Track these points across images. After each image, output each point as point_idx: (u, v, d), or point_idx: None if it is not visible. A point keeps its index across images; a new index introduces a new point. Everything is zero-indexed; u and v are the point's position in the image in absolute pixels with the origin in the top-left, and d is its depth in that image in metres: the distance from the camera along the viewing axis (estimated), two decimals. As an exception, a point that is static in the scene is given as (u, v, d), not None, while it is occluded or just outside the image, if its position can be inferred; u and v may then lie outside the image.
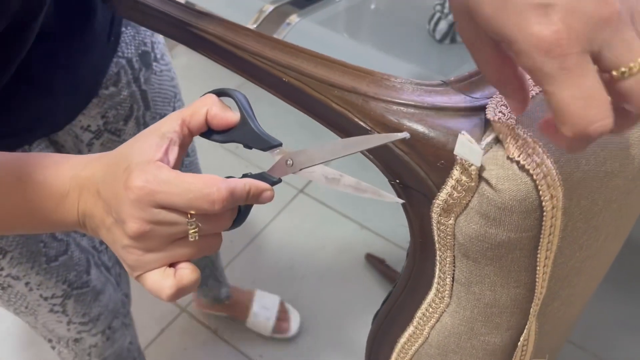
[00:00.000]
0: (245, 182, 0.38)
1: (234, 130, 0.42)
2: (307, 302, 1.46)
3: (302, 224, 1.64)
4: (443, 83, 0.41)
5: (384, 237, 1.60)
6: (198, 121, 0.41)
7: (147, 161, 0.37)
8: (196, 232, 0.37)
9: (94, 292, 0.81)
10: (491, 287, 0.42)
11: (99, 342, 0.87)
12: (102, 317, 0.85)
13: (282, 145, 0.41)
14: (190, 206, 0.36)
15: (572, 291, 0.48)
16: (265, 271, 1.53)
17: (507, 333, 0.46)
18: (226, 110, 0.41)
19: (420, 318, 0.49)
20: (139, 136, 0.40)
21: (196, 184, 0.36)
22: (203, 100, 0.42)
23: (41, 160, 0.41)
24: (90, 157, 0.41)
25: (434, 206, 0.40)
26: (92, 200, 0.39)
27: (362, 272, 1.52)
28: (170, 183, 0.36)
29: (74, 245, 0.77)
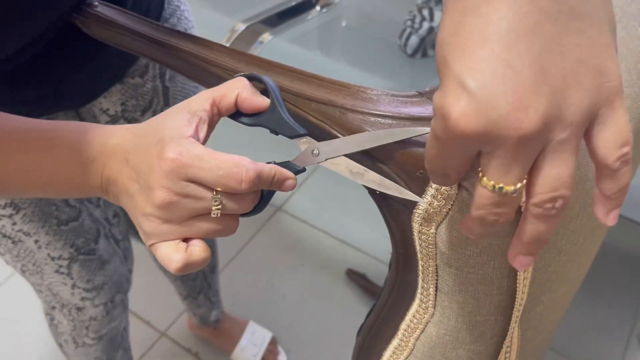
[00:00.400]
0: (272, 167, 0.40)
1: (262, 115, 0.43)
2: (288, 320, 1.44)
3: (281, 242, 1.63)
4: (418, 94, 0.41)
5: (364, 252, 1.60)
6: (228, 103, 0.42)
7: (180, 136, 0.38)
8: (219, 209, 0.38)
9: (100, 260, 0.83)
10: (474, 295, 0.42)
11: (98, 315, 0.89)
12: (106, 287, 0.86)
13: (308, 134, 0.42)
14: (218, 183, 0.37)
15: (554, 296, 0.48)
16: (245, 291, 1.51)
17: (492, 341, 0.46)
18: (256, 95, 0.42)
19: (405, 330, 0.49)
20: (170, 112, 0.41)
21: (227, 162, 0.37)
22: (234, 82, 0.42)
23: (72, 126, 0.43)
24: (118, 127, 0.42)
25: (414, 216, 0.40)
26: (117, 167, 0.40)
27: (344, 288, 1.51)
28: (202, 159, 0.37)
29: (85, 214, 0.79)
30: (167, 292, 1.46)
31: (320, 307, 1.47)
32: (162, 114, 0.42)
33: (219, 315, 1.31)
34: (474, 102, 0.25)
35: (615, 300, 1.48)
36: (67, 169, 0.42)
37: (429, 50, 1.57)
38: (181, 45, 0.49)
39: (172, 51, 0.49)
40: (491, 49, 0.25)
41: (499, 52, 0.25)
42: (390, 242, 0.46)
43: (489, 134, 0.25)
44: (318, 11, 1.86)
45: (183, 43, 0.49)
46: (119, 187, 0.41)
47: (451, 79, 0.26)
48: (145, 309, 1.47)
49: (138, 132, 0.41)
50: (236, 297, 1.48)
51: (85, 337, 0.92)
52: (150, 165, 0.38)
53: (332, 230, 1.65)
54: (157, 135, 0.39)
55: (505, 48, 0.25)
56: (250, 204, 0.40)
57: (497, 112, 0.25)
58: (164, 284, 1.27)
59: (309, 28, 1.81)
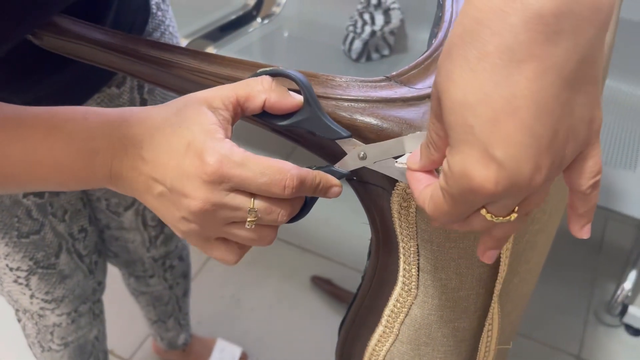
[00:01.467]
0: (316, 174, 0.39)
1: (296, 115, 0.39)
2: (257, 334, 1.43)
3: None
4: (386, 78, 0.42)
5: (327, 257, 1.60)
6: (254, 106, 0.39)
7: (213, 138, 0.36)
8: (253, 222, 0.37)
9: (60, 275, 0.81)
10: (457, 270, 0.43)
11: (63, 323, 0.87)
12: (67, 300, 0.84)
13: (351, 136, 0.39)
14: (260, 190, 0.36)
15: (527, 266, 0.50)
16: (211, 309, 1.48)
17: (475, 315, 0.47)
18: (286, 96, 0.39)
19: (389, 315, 0.49)
20: (184, 105, 0.38)
21: (270, 168, 0.36)
22: (258, 83, 0.39)
23: (68, 113, 0.41)
24: (122, 116, 0.40)
25: (393, 197, 0.41)
26: (131, 163, 0.38)
27: (311, 296, 1.51)
28: (245, 166, 0.36)
29: (48, 228, 0.76)
30: (128, 318, 1.42)
31: (288, 317, 1.46)
32: (173, 106, 0.39)
33: (188, 338, 1.28)
34: (503, 171, 0.27)
35: (571, 280, 1.54)
36: (66, 161, 0.40)
37: (372, 53, 1.61)
38: (141, 50, 0.48)
39: (132, 57, 0.49)
40: (520, 120, 0.26)
41: (526, 122, 0.26)
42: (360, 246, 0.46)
43: (507, 192, 0.28)
44: (259, 23, 1.87)
45: (143, 48, 0.48)
46: (136, 187, 0.39)
47: (478, 147, 0.27)
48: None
49: (151, 126, 0.38)
50: (202, 315, 1.45)
51: (50, 342, 0.90)
52: (182, 170, 0.36)
53: (293, 240, 1.65)
54: (182, 134, 0.37)
55: (532, 118, 0.26)
56: (292, 210, 0.39)
57: (520, 177, 0.27)
58: (123, 310, 1.23)
59: (252, 40, 1.81)
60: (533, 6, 0.25)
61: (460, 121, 0.27)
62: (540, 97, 0.26)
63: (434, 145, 0.32)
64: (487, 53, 0.26)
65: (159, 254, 0.98)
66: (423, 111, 0.39)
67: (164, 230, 0.94)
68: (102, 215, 0.87)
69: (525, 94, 0.26)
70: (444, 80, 0.28)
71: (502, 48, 0.25)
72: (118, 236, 0.91)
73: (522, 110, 0.26)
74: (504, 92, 0.26)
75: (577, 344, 1.41)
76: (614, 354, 1.39)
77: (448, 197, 0.30)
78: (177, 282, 1.10)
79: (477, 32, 0.26)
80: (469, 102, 0.27)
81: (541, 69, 0.25)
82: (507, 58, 0.25)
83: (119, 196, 0.83)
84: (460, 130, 0.27)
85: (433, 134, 0.32)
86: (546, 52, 0.25)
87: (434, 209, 0.32)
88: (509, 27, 0.25)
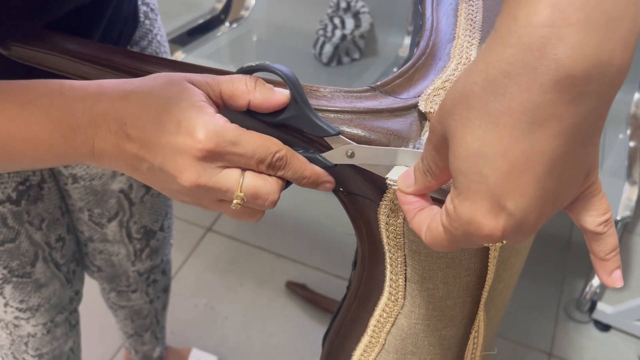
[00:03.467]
0: (313, 169, 0.40)
1: (283, 113, 0.39)
2: (233, 341, 1.41)
3: (216, 263, 1.59)
4: (370, 88, 0.42)
5: (301, 263, 1.59)
6: (237, 105, 0.39)
7: (205, 113, 0.36)
8: (239, 204, 0.38)
9: (36, 284, 0.78)
10: (444, 280, 0.43)
11: (38, 333, 0.85)
12: (43, 310, 0.82)
13: (340, 134, 0.38)
14: (250, 166, 0.37)
15: (511, 272, 0.50)
16: (184, 318, 1.46)
17: (462, 323, 0.47)
18: (271, 95, 0.38)
19: (375, 325, 0.49)
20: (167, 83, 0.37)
21: (262, 147, 0.37)
22: (242, 83, 0.38)
23: (42, 86, 0.39)
24: (101, 90, 0.39)
25: (381, 208, 0.40)
26: (114, 140, 0.38)
27: (286, 301, 1.50)
28: (238, 144, 0.36)
29: (24, 236, 0.73)
30: (99, 330, 1.38)
31: (264, 323, 1.45)
32: (153, 82, 0.38)
33: (163, 352, 1.25)
34: (512, 221, 0.28)
35: (542, 279, 1.57)
36: (44, 136, 0.38)
37: (343, 57, 1.61)
38: (115, 60, 0.47)
39: (106, 68, 0.47)
40: (534, 174, 0.27)
41: (539, 177, 0.27)
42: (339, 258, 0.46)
43: (510, 238, 0.29)
44: (228, 27, 1.85)
45: (117, 58, 0.47)
46: (122, 163, 0.38)
47: (489, 197, 0.27)
48: (77, 351, 1.37)
49: (135, 102, 0.37)
50: (175, 325, 1.42)
51: (24, 353, 0.87)
52: (173, 148, 0.36)
53: (266, 245, 1.64)
54: (171, 112, 0.36)
55: (544, 173, 0.27)
56: (276, 197, 0.39)
57: (526, 226, 0.28)
58: (94, 322, 1.20)
59: (220, 44, 1.79)
60: (566, 67, 0.24)
61: (474, 170, 0.27)
62: (556, 154, 0.26)
63: (432, 173, 0.33)
64: (512, 109, 0.26)
65: (144, 267, 0.96)
66: (410, 122, 0.39)
67: (150, 243, 0.91)
68: (85, 227, 0.84)
69: (543, 150, 0.26)
70: (459, 127, 0.28)
71: (528, 105, 0.25)
72: (102, 249, 0.88)
73: (537, 165, 0.26)
74: (523, 148, 0.26)
75: (549, 341, 1.43)
76: (584, 350, 1.42)
77: (449, 236, 0.31)
78: (158, 297, 1.08)
79: (504, 86, 0.26)
80: (486, 153, 0.27)
81: (560, 129, 0.26)
82: (531, 115, 0.25)
83: (101, 206, 0.80)
84: (473, 179, 0.28)
85: (432, 164, 0.32)
86: (568, 112, 0.25)
87: (431, 240, 0.32)
88: (539, 85, 0.25)
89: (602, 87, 0.25)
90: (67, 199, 0.80)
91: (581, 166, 0.28)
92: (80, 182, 0.76)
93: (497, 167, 0.27)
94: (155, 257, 0.96)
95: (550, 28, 0.24)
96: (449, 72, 0.42)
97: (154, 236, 0.91)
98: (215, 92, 0.38)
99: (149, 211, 0.86)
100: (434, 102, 0.38)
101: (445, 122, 0.29)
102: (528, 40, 0.25)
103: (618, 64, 0.25)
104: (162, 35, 0.74)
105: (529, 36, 0.25)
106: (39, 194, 0.72)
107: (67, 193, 0.79)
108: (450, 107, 0.28)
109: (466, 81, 0.27)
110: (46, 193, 0.73)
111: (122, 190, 0.80)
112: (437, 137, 0.30)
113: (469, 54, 0.43)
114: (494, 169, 0.27)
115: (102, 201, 0.80)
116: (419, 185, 0.34)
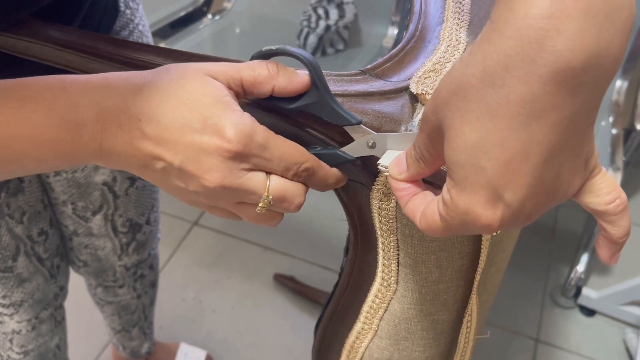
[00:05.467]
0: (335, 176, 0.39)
1: (303, 98, 0.37)
2: (221, 335, 1.40)
3: (203, 257, 1.58)
4: (361, 72, 0.42)
5: (289, 255, 1.59)
6: (260, 92, 0.37)
7: (233, 111, 0.35)
8: (264, 208, 0.37)
9: (18, 278, 0.77)
10: (437, 263, 0.43)
11: (22, 330, 0.84)
12: (26, 305, 0.81)
13: (361, 123, 0.37)
14: (276, 172, 0.37)
15: (503, 255, 0.50)
16: (172, 313, 1.45)
17: (454, 307, 0.48)
18: (294, 77, 0.37)
19: (367, 312, 0.49)
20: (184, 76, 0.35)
21: (289, 154, 0.36)
22: (264, 68, 0.37)
23: (43, 82, 0.37)
24: (107, 83, 0.37)
25: (373, 192, 0.40)
26: (127, 138, 0.35)
27: (274, 293, 1.49)
28: (267, 148, 0.35)
29: (4, 230, 0.72)
30: (85, 326, 1.37)
31: (252, 316, 1.44)
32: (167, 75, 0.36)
33: (151, 347, 1.24)
34: (509, 211, 0.28)
35: (527, 266, 1.59)
36: (48, 134, 0.36)
37: (327, 48, 1.60)
38: (100, 48, 0.46)
39: (90, 56, 0.46)
40: (532, 165, 0.27)
41: (537, 167, 0.27)
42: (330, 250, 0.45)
43: (506, 227, 0.29)
44: (210, 19, 1.83)
45: (102, 46, 0.46)
46: (133, 162, 0.36)
47: (487, 188, 0.27)
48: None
49: (150, 96, 0.35)
50: (163, 320, 1.41)
51: (9, 350, 0.85)
52: (198, 148, 0.34)
53: (253, 238, 1.63)
54: (195, 108, 0.34)
55: (542, 163, 0.27)
56: (302, 200, 0.38)
57: (521, 216, 0.28)
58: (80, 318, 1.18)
59: (203, 36, 1.77)
60: (565, 59, 0.24)
61: (471, 161, 0.27)
62: (553, 144, 0.26)
63: (425, 161, 0.33)
64: (510, 101, 0.26)
65: (131, 262, 0.95)
66: (401, 104, 0.39)
67: (136, 237, 0.90)
68: (69, 221, 0.83)
69: (541, 141, 0.26)
70: (456, 118, 0.28)
71: (526, 98, 0.25)
72: (87, 243, 0.87)
73: (535, 156, 0.26)
74: (521, 139, 0.26)
75: (535, 327, 1.45)
76: (570, 335, 1.44)
77: (445, 224, 0.31)
78: (146, 292, 1.07)
79: (502, 78, 0.25)
80: (484, 145, 0.27)
81: (558, 119, 0.26)
82: (530, 107, 0.25)
83: (84, 199, 0.79)
84: (471, 170, 0.28)
85: (425, 152, 0.32)
86: (566, 103, 0.25)
87: (426, 227, 0.32)
88: (537, 78, 0.25)
89: (599, 76, 0.25)
90: (50, 192, 0.79)
91: (578, 155, 0.28)
92: (62, 174, 0.75)
93: (496, 159, 0.27)
94: (142, 251, 0.95)
95: (548, 20, 0.24)
96: (439, 54, 0.41)
97: (140, 229, 0.90)
98: (235, 81, 0.36)
99: (134, 204, 0.85)
100: (425, 84, 0.38)
101: (441, 113, 0.29)
102: (526, 33, 0.24)
103: (615, 54, 0.25)
104: (145, 25, 0.73)
105: (527, 28, 0.24)
106: (19, 187, 0.70)
107: (50, 186, 0.77)
108: (446, 97, 0.28)
109: (463, 73, 0.27)
110: (27, 186, 0.72)
111: (106, 182, 0.78)
112: (430, 127, 0.30)
113: (458, 36, 0.43)
114: (492, 160, 0.27)
115: (85, 194, 0.79)
116: (411, 171, 0.34)
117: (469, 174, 0.28)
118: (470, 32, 0.44)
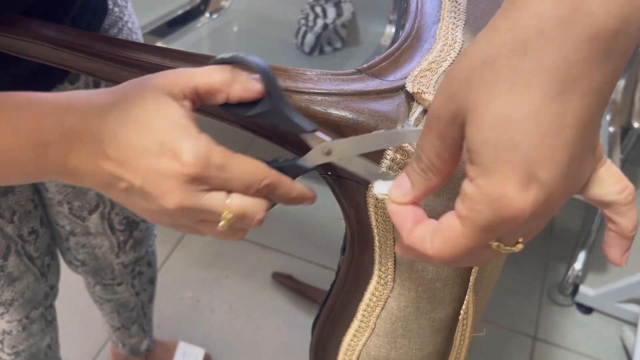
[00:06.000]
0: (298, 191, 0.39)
1: (256, 106, 0.37)
2: (220, 334, 1.40)
3: (201, 256, 1.58)
4: (357, 71, 0.42)
5: (287, 253, 1.59)
6: (214, 100, 0.37)
7: (189, 134, 0.35)
8: (226, 225, 0.37)
9: (9, 277, 0.77)
10: (434, 262, 0.43)
11: (13, 330, 0.84)
12: (17, 304, 0.81)
13: (316, 130, 0.37)
14: (237, 191, 0.37)
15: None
16: (170, 312, 1.45)
17: (451, 306, 0.48)
18: (250, 84, 0.37)
19: (364, 310, 0.49)
20: (142, 97, 0.35)
21: (249, 174, 0.36)
22: (219, 75, 0.37)
23: (10, 101, 0.37)
24: (70, 104, 0.37)
25: (370, 191, 0.40)
26: (91, 158, 0.36)
27: (272, 292, 1.49)
28: (224, 169, 0.35)
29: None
30: (83, 325, 1.37)
31: (250, 315, 1.45)
32: (125, 95, 0.36)
33: (150, 344, 1.25)
34: (542, 193, 0.25)
35: (525, 264, 1.59)
36: (13, 153, 0.36)
37: (325, 47, 1.60)
38: (96, 47, 0.46)
39: (86, 55, 0.46)
40: (565, 139, 0.25)
41: (569, 141, 0.25)
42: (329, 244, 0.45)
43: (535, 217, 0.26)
44: (208, 17, 1.83)
45: (97, 45, 0.46)
46: (98, 181, 0.37)
47: (521, 167, 0.25)
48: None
49: (110, 118, 0.35)
50: (162, 318, 1.42)
51: (0, 351, 0.85)
52: (156, 171, 0.34)
53: (251, 237, 1.63)
54: (152, 131, 0.35)
55: (574, 137, 0.25)
56: (263, 216, 0.38)
57: (551, 201, 0.26)
58: (77, 317, 1.18)
59: (201, 35, 1.77)
60: (599, 21, 0.23)
61: (504, 137, 0.25)
62: (585, 115, 0.25)
63: (434, 169, 0.30)
64: (544, 67, 0.24)
65: (128, 259, 0.95)
66: (397, 103, 0.39)
67: (133, 234, 0.90)
68: (66, 221, 0.83)
69: (574, 112, 0.25)
70: (484, 94, 0.26)
71: (561, 63, 0.24)
72: (85, 242, 0.87)
73: (568, 129, 0.25)
74: (556, 109, 0.24)
75: (533, 325, 1.45)
76: (568, 332, 1.44)
77: (471, 228, 0.27)
78: (144, 289, 1.07)
79: (535, 43, 0.24)
80: (518, 118, 0.25)
81: (590, 87, 0.25)
82: (564, 73, 0.24)
83: (80, 199, 0.79)
84: (504, 147, 0.25)
85: (434, 157, 0.29)
86: (597, 69, 0.24)
87: (442, 245, 0.29)
88: (572, 41, 0.24)
89: (627, 44, 0.25)
90: (45, 193, 0.79)
91: (595, 137, 0.27)
92: None
93: (531, 132, 0.25)
94: (140, 249, 0.95)
95: None
96: (435, 53, 0.42)
97: (137, 227, 0.90)
98: (190, 89, 0.36)
99: None
100: (421, 83, 0.38)
101: (461, 94, 0.27)
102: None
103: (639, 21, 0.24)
104: (134, 22, 0.73)
105: None
106: (9, 187, 0.71)
107: (44, 186, 0.77)
108: (468, 76, 0.26)
109: (489, 45, 0.26)
110: (17, 186, 0.72)
111: None
112: (443, 122, 0.28)
113: (454, 35, 0.43)
114: (527, 133, 0.25)
115: (81, 193, 0.79)
116: (418, 188, 0.31)
117: (501, 151, 0.25)
118: (466, 31, 0.44)
